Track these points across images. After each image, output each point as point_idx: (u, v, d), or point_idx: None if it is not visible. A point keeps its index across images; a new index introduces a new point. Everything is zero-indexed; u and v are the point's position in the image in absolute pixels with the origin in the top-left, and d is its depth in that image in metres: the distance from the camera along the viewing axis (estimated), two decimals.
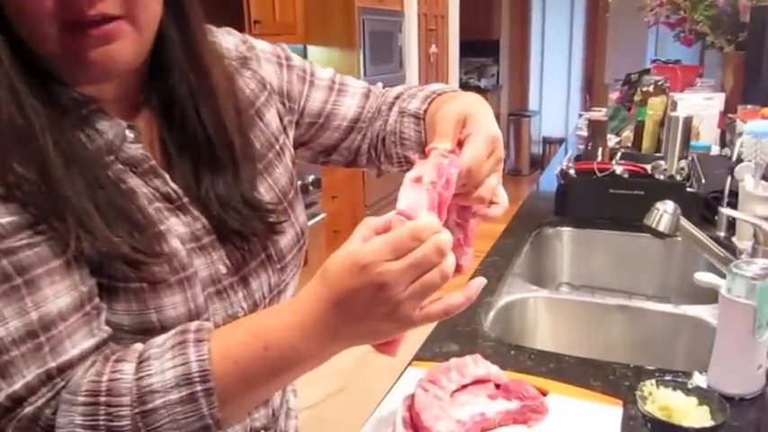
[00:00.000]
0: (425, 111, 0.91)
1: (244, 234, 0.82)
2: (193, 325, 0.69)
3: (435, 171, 0.69)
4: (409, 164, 0.83)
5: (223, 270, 0.80)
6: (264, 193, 0.87)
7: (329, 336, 0.66)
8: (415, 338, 0.86)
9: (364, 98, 1.02)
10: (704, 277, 1.08)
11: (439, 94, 0.92)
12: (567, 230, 1.93)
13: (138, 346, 0.69)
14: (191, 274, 0.76)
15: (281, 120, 0.95)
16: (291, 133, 0.98)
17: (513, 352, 1.24)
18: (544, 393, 1.05)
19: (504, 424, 0.96)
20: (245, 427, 0.89)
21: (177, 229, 0.77)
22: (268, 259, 0.85)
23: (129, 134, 0.76)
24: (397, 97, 0.99)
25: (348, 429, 0.99)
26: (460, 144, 0.75)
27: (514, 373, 1.12)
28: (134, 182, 0.76)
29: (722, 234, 1.77)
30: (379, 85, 1.05)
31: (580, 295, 1.59)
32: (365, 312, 0.64)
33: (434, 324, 1.34)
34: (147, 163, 0.77)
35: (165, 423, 0.64)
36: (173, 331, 0.69)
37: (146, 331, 0.72)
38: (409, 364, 1.17)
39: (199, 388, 0.65)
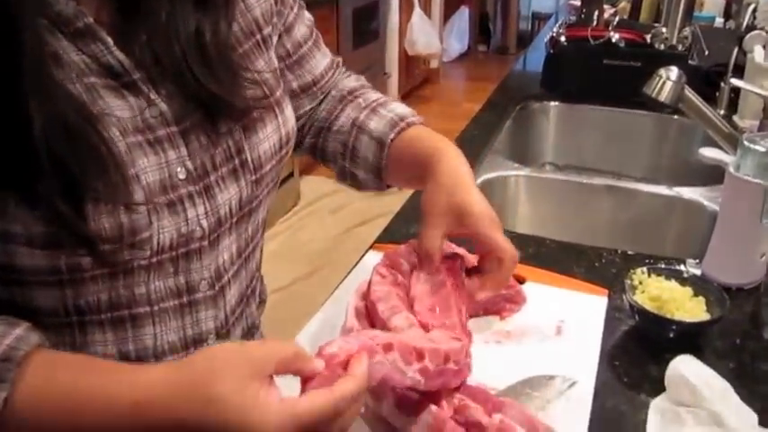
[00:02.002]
0: (392, 140, 0.84)
1: (214, 125, 0.67)
2: (18, 332, 0.54)
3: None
4: (354, 179, 0.90)
5: (181, 175, 0.64)
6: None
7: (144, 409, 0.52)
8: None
9: (330, 64, 0.92)
10: (710, 153, 0.95)
11: (408, 124, 0.85)
12: (554, 105, 1.77)
13: None
14: (130, 176, 0.61)
15: (269, 16, 0.78)
16: (275, 39, 0.81)
17: None
18: (521, 281, 0.93)
19: (475, 315, 0.84)
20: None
21: (119, 113, 0.61)
22: (242, 167, 0.70)
23: None
24: (350, 92, 0.91)
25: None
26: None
27: None
28: (60, 45, 0.59)
29: (722, 112, 1.62)
30: (340, 60, 0.95)
31: (565, 175, 1.45)
32: None
33: (400, 204, 1.22)
34: (82, 20, 0.59)
35: None
36: None
37: (58, 245, 0.58)
38: (370, 247, 1.04)
39: None
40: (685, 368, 0.74)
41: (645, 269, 0.88)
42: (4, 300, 0.62)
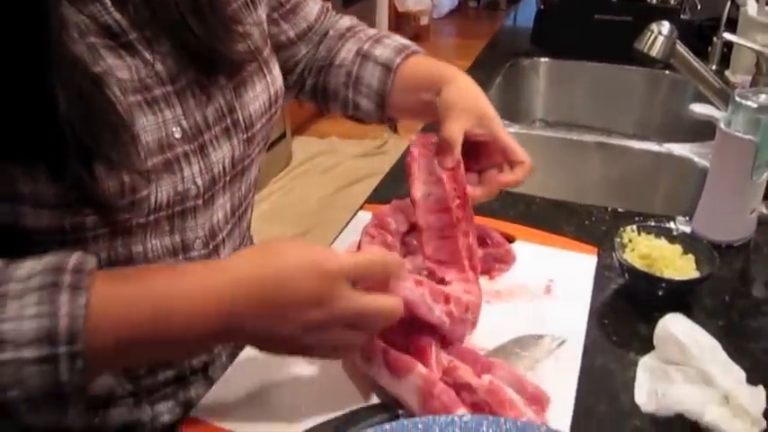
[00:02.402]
0: (398, 65, 0.87)
1: (208, 83, 0.68)
2: (72, 261, 0.53)
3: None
4: (357, 110, 0.90)
5: (177, 134, 0.65)
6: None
7: (230, 309, 0.55)
8: None
9: (322, 9, 0.94)
10: (701, 109, 0.93)
11: (413, 52, 0.89)
12: (544, 61, 1.75)
13: None
14: (133, 135, 0.61)
15: None
16: None
17: None
18: (511, 240, 0.93)
19: None
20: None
21: (119, 74, 0.61)
22: (234, 126, 0.70)
23: None
24: (348, 30, 0.94)
25: None
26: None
27: (478, 217, 0.98)
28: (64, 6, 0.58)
29: (714, 67, 1.60)
30: (329, 5, 0.96)
31: (555, 132, 1.44)
32: (287, 314, 0.56)
33: (391, 164, 1.20)
34: None
35: (10, 382, 0.49)
36: (41, 264, 0.53)
37: (65, 206, 0.58)
38: (360, 208, 1.03)
39: (62, 350, 0.50)
40: (674, 326, 0.74)
41: (635, 227, 0.88)
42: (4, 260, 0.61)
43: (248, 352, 0.75)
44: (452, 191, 0.76)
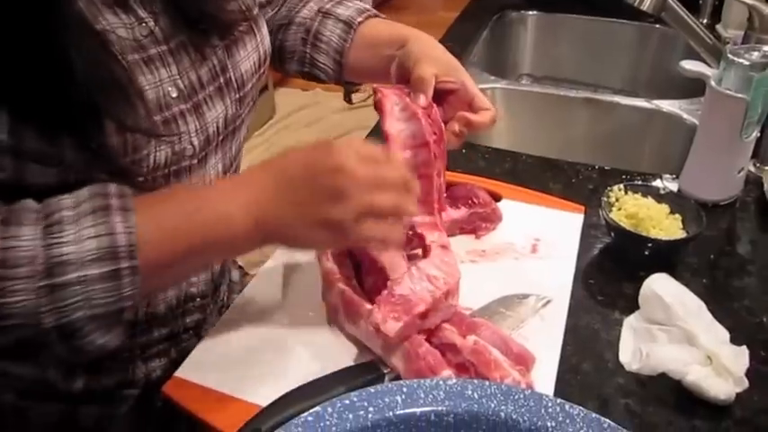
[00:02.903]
0: (359, 23, 0.87)
1: (201, 43, 0.68)
2: (112, 188, 0.57)
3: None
4: (313, 66, 0.89)
5: (173, 93, 0.66)
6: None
7: (264, 202, 0.60)
8: None
9: None
10: (691, 66, 0.92)
11: (375, 14, 0.89)
12: (532, 15, 1.71)
13: (31, 205, 0.55)
14: (139, 92, 0.61)
15: None
16: None
17: (464, 150, 1.09)
18: (497, 198, 0.92)
19: (450, 234, 0.83)
20: (181, 292, 0.77)
21: (118, 32, 0.61)
22: (227, 85, 0.71)
23: None
24: None
25: None
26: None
27: (464, 175, 0.98)
28: None
29: (705, 21, 1.58)
30: None
31: (542, 87, 1.42)
32: (312, 188, 0.59)
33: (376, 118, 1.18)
34: None
35: (76, 301, 0.52)
36: (85, 192, 0.56)
37: (61, 164, 0.58)
38: None
39: (124, 265, 0.54)
40: (659, 287, 0.74)
41: (622, 186, 0.87)
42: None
43: (234, 311, 0.74)
44: (428, 126, 0.74)
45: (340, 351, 0.69)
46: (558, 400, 0.47)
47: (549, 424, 0.44)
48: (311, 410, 0.45)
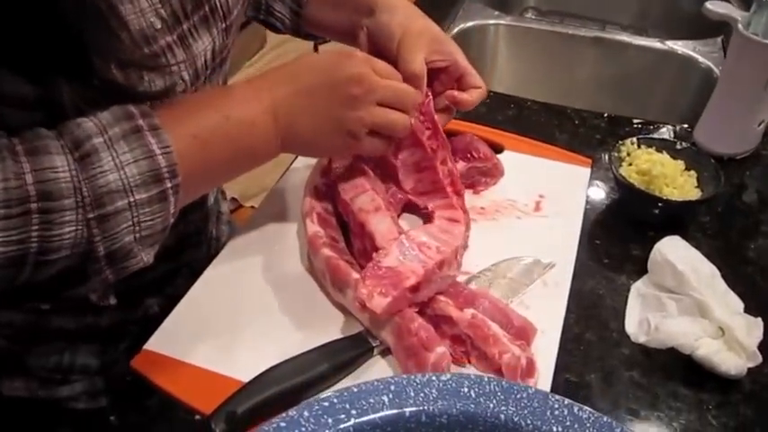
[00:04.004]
0: None
1: None
2: (134, 109, 0.54)
3: None
4: (269, 15, 0.83)
5: (157, 24, 0.60)
6: None
7: (285, 107, 0.61)
8: None
9: None
10: (717, 7, 0.83)
11: None
12: None
13: (46, 132, 0.52)
14: (121, 19, 0.56)
15: None
16: None
17: None
18: (498, 150, 0.86)
19: None
20: (178, 233, 0.75)
21: None
22: (212, 13, 0.67)
23: None
24: None
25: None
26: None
27: (464, 123, 0.91)
28: None
29: None
30: None
31: (548, 25, 1.33)
32: (330, 95, 0.62)
33: None
34: None
35: (127, 226, 0.52)
36: (107, 116, 0.53)
37: (51, 104, 0.54)
38: None
39: (169, 185, 0.54)
40: (671, 252, 0.69)
41: (635, 140, 0.81)
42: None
43: (209, 276, 0.69)
44: (420, 124, 0.70)
45: (326, 320, 0.64)
46: (566, 401, 0.42)
47: (555, 429, 0.39)
48: (285, 415, 0.40)
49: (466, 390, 0.43)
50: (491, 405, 0.43)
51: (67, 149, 0.50)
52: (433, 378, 0.44)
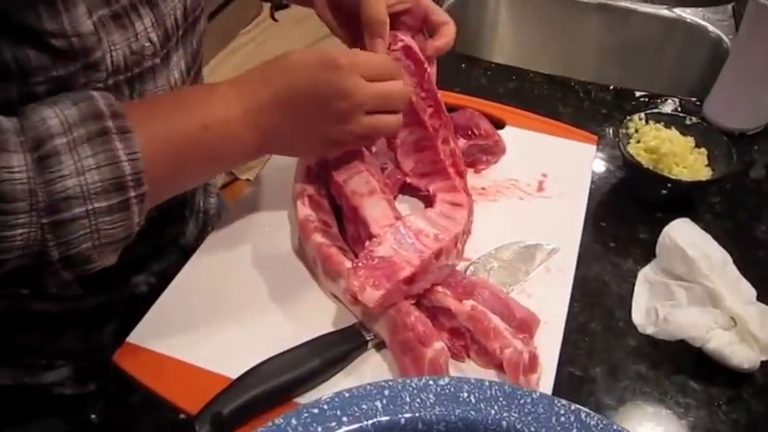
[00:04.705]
0: None
1: None
2: (103, 107, 0.51)
3: None
4: None
5: None
6: None
7: (266, 116, 0.58)
8: None
9: None
10: None
11: None
12: None
13: (7, 125, 0.48)
14: None
15: None
16: None
17: (464, 65, 0.98)
18: (500, 125, 0.82)
19: None
20: (161, 208, 0.69)
21: None
22: None
23: None
24: None
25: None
26: None
27: (464, 96, 0.87)
28: None
29: None
30: None
31: None
32: (317, 111, 0.58)
33: None
34: None
35: (83, 234, 0.49)
36: (74, 113, 0.49)
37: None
38: None
39: (132, 194, 0.51)
40: (681, 236, 0.65)
41: (643, 115, 0.77)
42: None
43: (195, 263, 0.65)
44: (421, 100, 0.65)
45: (317, 311, 0.60)
46: (573, 407, 0.39)
47: None
48: (271, 423, 0.37)
49: (465, 395, 0.40)
50: (492, 411, 0.40)
51: (27, 148, 0.47)
52: (431, 382, 0.41)
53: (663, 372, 0.59)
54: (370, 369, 0.56)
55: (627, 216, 0.74)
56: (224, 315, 0.60)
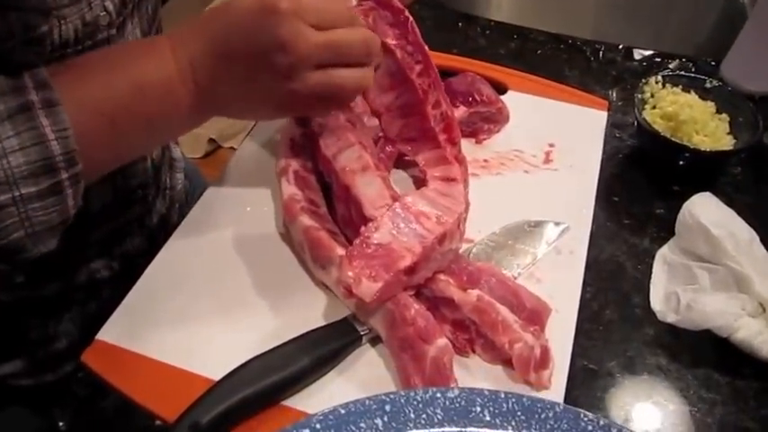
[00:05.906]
0: None
1: None
2: (26, 79, 0.45)
3: None
4: None
5: None
6: None
7: (205, 78, 0.51)
8: None
9: None
10: None
11: None
12: None
13: None
14: None
15: None
16: None
17: (461, 24, 0.91)
18: (502, 90, 0.75)
19: None
20: (116, 189, 0.66)
21: None
22: None
23: None
24: None
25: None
26: None
27: (462, 59, 0.80)
28: None
29: None
30: None
31: None
32: (253, 64, 0.50)
33: None
34: None
35: (13, 222, 0.45)
36: None
37: None
38: None
39: (64, 176, 0.46)
40: (703, 213, 0.60)
41: (660, 78, 0.70)
42: None
43: (170, 250, 0.59)
44: (407, 56, 0.57)
45: (306, 302, 0.55)
46: (602, 422, 0.34)
47: None
48: None
49: (478, 409, 0.35)
50: (509, 428, 0.35)
51: None
52: (438, 395, 0.36)
53: (684, 364, 0.55)
54: (365, 366, 0.51)
55: (641, 190, 0.68)
56: (203, 309, 0.54)
